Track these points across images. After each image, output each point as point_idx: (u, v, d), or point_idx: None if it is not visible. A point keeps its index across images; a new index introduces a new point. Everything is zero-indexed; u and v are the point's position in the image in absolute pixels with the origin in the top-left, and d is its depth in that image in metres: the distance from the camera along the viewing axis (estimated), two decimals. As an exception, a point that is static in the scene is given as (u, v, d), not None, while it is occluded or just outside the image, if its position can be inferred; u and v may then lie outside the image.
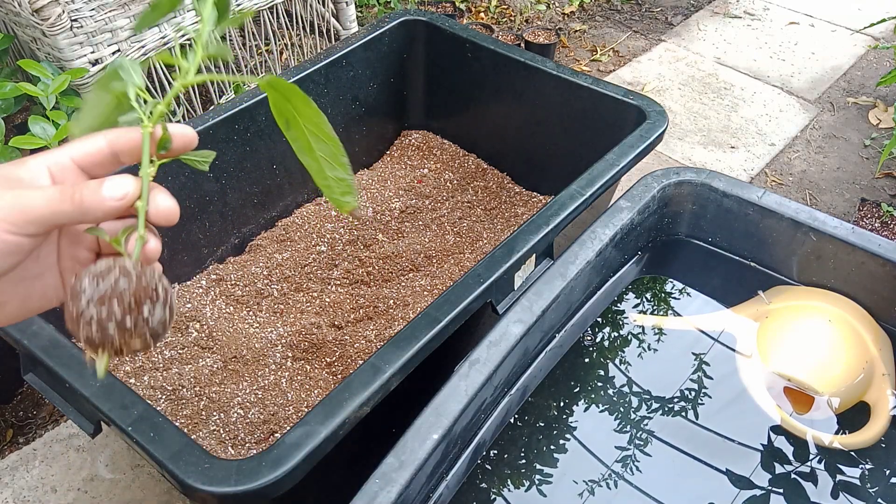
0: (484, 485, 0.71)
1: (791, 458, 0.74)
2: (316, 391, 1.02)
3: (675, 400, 0.79)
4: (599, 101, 1.16)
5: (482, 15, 2.24)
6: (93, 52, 1.21)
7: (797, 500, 0.70)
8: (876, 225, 1.45)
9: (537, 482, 0.72)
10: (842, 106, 1.91)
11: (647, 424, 0.77)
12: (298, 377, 1.04)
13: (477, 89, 1.34)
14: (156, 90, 1.40)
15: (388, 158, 1.45)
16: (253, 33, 1.60)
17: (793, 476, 0.72)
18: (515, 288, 0.88)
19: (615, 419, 0.77)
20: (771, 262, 0.89)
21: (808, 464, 0.73)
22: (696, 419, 0.77)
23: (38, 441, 1.11)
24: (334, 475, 0.82)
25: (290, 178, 1.27)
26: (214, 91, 1.55)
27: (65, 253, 0.37)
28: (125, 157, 0.36)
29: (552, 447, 0.75)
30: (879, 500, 0.70)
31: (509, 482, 0.72)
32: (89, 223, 0.36)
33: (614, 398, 0.79)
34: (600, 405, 0.79)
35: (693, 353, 0.84)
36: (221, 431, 0.96)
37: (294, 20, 1.63)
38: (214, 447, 0.94)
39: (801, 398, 0.78)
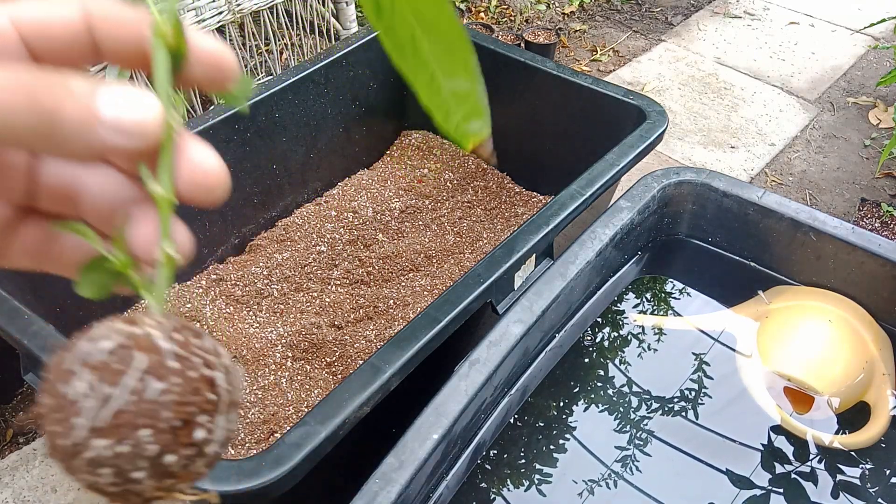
0: (484, 485, 0.71)
1: (791, 458, 0.73)
2: (316, 391, 1.02)
3: (675, 400, 0.79)
4: (599, 101, 1.16)
5: (482, 15, 2.24)
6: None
7: (797, 500, 0.70)
8: (876, 225, 1.45)
9: (537, 482, 0.72)
10: (842, 106, 1.91)
11: (646, 424, 0.77)
12: (298, 377, 1.04)
13: (477, 89, 1.34)
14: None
15: (388, 158, 1.45)
16: (253, 33, 1.60)
17: (793, 476, 0.72)
18: (515, 288, 0.88)
19: (615, 419, 0.77)
20: (771, 262, 0.89)
21: (808, 464, 0.73)
22: (696, 419, 0.77)
23: (38, 441, 1.11)
24: (334, 475, 0.82)
25: (290, 178, 1.27)
26: (214, 91, 1.55)
27: None
28: (110, 54, 0.20)
29: (552, 447, 0.75)
30: (879, 500, 0.70)
31: (509, 482, 0.72)
32: (52, 154, 0.20)
33: (614, 398, 0.79)
34: (600, 405, 0.79)
35: (693, 353, 0.84)
36: (221, 431, 0.96)
37: (294, 20, 1.63)
38: (214, 447, 0.94)
39: (801, 398, 0.78)
